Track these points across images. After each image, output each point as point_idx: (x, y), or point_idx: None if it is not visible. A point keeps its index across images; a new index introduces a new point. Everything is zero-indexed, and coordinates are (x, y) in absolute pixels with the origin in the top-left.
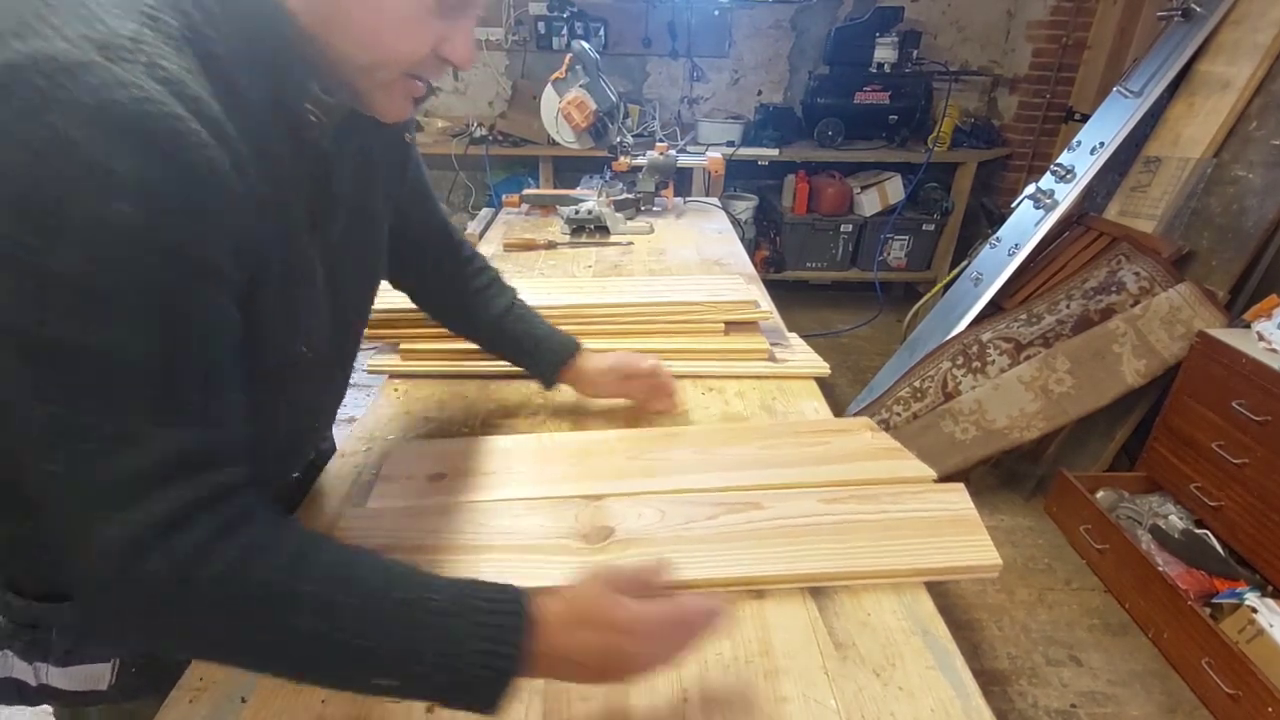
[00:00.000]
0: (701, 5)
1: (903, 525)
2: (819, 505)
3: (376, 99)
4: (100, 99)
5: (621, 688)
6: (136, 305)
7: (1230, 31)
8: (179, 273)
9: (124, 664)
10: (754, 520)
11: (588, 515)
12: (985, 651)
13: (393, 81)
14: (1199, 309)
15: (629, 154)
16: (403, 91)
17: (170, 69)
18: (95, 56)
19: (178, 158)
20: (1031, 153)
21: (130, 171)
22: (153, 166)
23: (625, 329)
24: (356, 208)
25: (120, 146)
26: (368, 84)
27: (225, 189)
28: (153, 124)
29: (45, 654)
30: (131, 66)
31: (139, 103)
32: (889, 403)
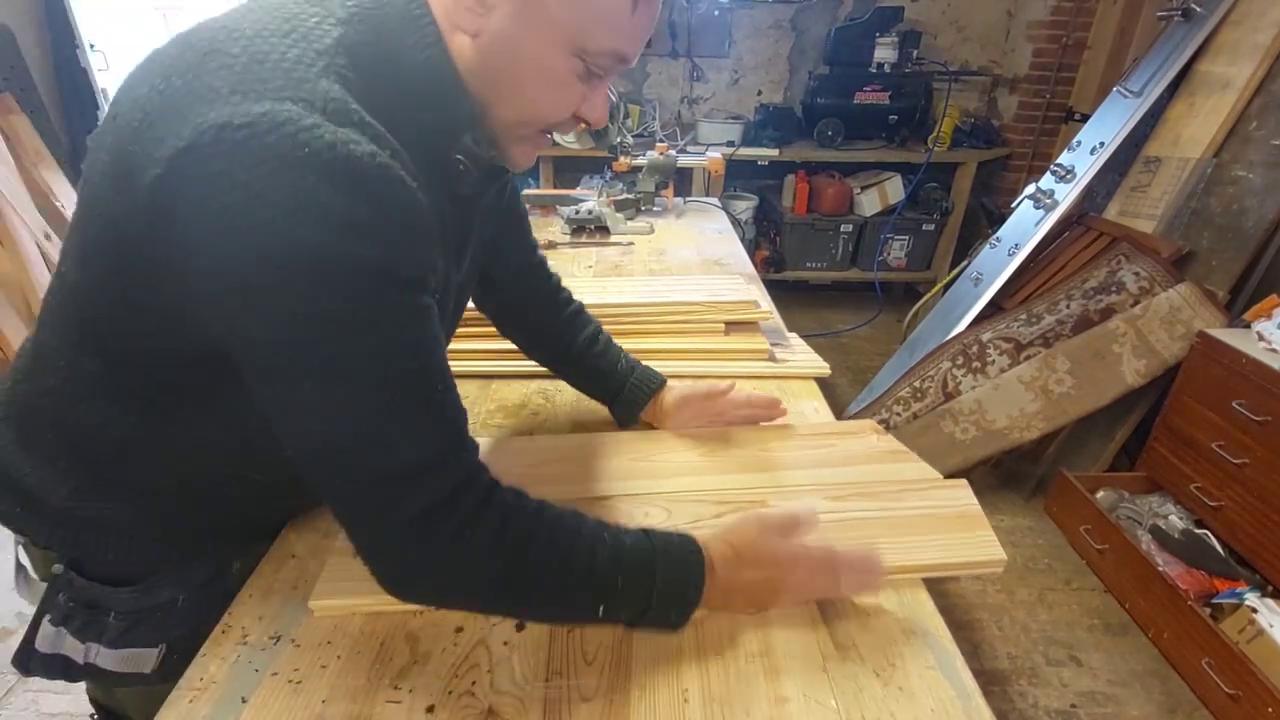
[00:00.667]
0: (701, 5)
1: (907, 522)
2: (824, 504)
3: (513, 151)
4: (337, 155)
5: (622, 688)
6: (389, 328)
7: (1230, 31)
8: (407, 292)
9: (170, 648)
10: None
11: (594, 515)
12: (985, 651)
13: (531, 136)
14: (1199, 309)
15: (629, 154)
16: (535, 144)
17: (376, 125)
18: (320, 119)
19: (398, 203)
20: (1031, 153)
21: (367, 221)
22: (381, 215)
23: (625, 329)
24: (478, 249)
25: (356, 200)
26: (509, 138)
27: (426, 222)
28: (382, 174)
29: (100, 635)
30: (350, 129)
31: (370, 157)
32: (889, 403)
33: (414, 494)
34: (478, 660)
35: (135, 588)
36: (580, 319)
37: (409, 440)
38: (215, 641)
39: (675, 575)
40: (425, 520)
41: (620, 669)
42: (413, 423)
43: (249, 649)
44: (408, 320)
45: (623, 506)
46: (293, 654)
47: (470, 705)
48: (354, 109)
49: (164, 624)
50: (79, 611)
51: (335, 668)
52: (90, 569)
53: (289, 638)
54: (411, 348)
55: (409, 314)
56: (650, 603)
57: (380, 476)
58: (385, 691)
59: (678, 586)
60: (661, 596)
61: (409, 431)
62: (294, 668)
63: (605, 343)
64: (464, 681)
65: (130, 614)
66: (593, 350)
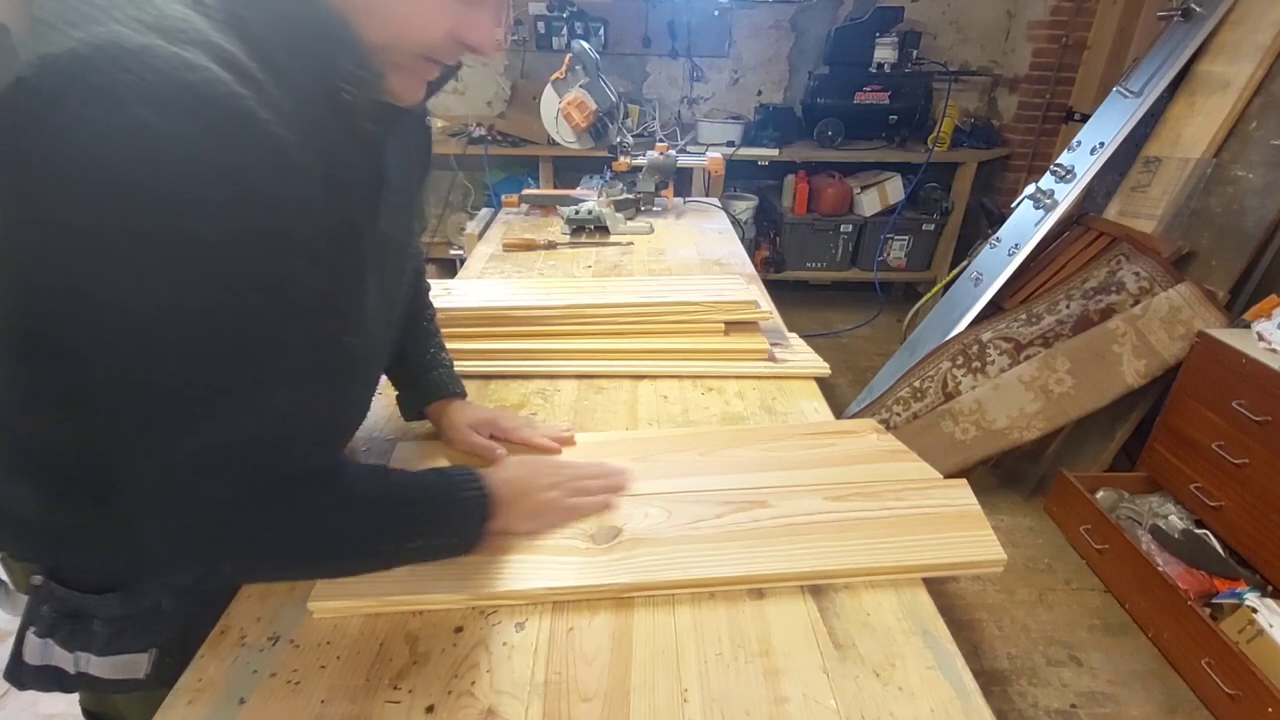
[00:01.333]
0: (701, 5)
1: (907, 521)
2: (824, 503)
3: (391, 81)
4: (171, 83)
5: (622, 688)
6: (234, 285)
7: (1230, 31)
8: (270, 250)
9: (161, 652)
10: (759, 519)
11: (595, 516)
12: (985, 651)
13: (408, 63)
14: (1199, 309)
15: (629, 154)
16: (417, 74)
17: (229, 49)
18: (156, 39)
19: (254, 140)
20: (1031, 153)
21: (212, 156)
22: (233, 151)
23: (625, 329)
24: (398, 196)
25: (198, 130)
26: (383, 64)
27: (297, 167)
28: (224, 106)
29: (87, 643)
30: (193, 48)
31: (210, 85)
32: (889, 403)
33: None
34: (477, 660)
35: (118, 594)
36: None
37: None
38: (213, 643)
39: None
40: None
41: (620, 669)
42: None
43: (247, 650)
44: (260, 278)
45: (623, 507)
46: (291, 655)
47: (470, 705)
48: (199, 29)
49: (151, 628)
50: (63, 621)
51: (334, 668)
52: (70, 578)
53: (287, 638)
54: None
55: (261, 271)
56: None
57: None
58: (385, 692)
59: (464, 505)
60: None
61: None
62: (292, 668)
63: (436, 346)
64: (464, 681)
65: (115, 620)
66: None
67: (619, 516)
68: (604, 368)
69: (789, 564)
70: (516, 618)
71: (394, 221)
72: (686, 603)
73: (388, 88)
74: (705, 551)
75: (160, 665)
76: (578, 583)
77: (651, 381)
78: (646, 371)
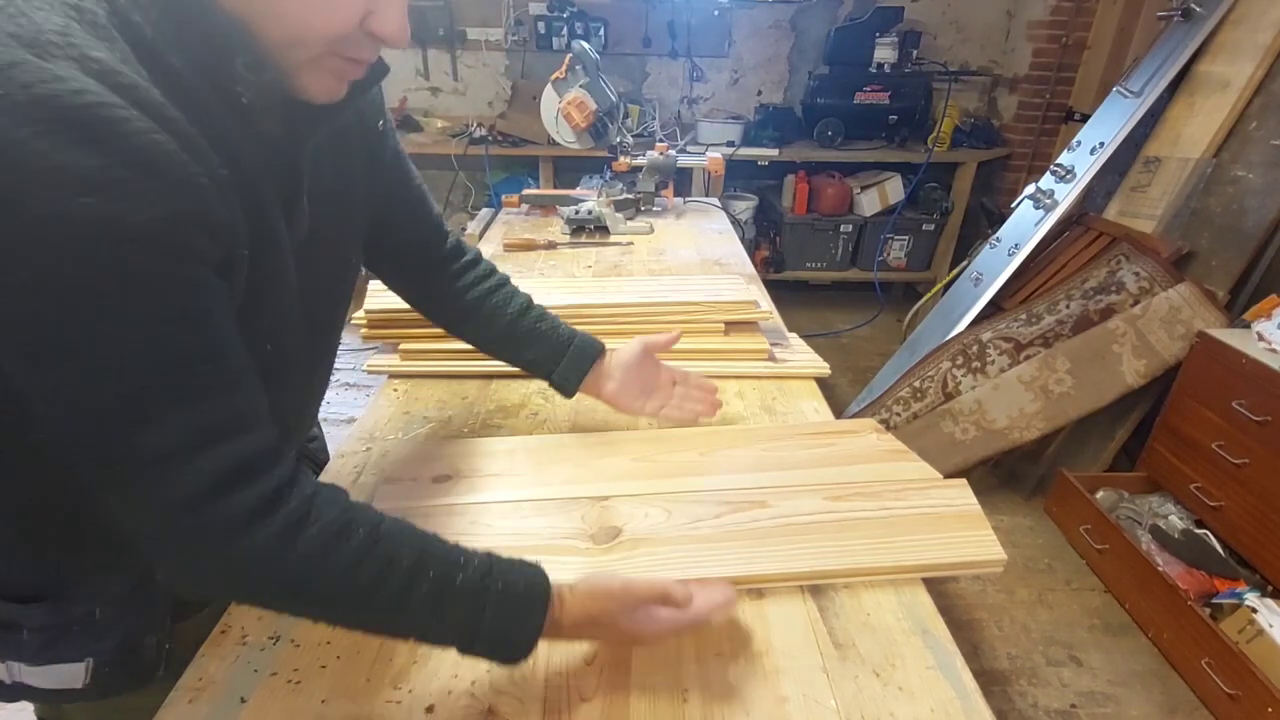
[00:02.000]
0: (701, 5)
1: (906, 521)
2: (823, 503)
3: (303, 79)
4: (34, 95)
5: (622, 688)
6: (119, 295)
7: (1230, 31)
8: (152, 256)
9: (99, 662)
10: (758, 519)
11: (595, 516)
12: (985, 652)
13: (317, 59)
14: (1199, 309)
15: (629, 154)
16: (330, 71)
17: (102, 59)
18: (25, 55)
19: (122, 146)
20: (1031, 153)
21: (79, 165)
22: (99, 157)
23: (625, 329)
24: (331, 202)
25: (63, 141)
26: (290, 63)
27: (177, 170)
28: (90, 115)
29: (17, 653)
30: (62, 62)
31: (75, 95)
32: (889, 403)
33: (183, 478)
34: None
35: (45, 603)
36: (505, 290)
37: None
38: (214, 642)
39: (505, 625)
40: (197, 507)
41: (620, 669)
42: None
43: (248, 649)
44: (146, 289)
45: (623, 508)
46: (292, 654)
47: (470, 705)
48: (74, 41)
49: (84, 638)
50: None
51: (335, 668)
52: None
53: (288, 638)
54: (153, 321)
55: (142, 278)
56: (473, 644)
57: (141, 459)
58: (385, 691)
59: (507, 635)
60: (487, 641)
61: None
62: (293, 668)
63: (540, 312)
64: (464, 681)
65: (44, 630)
66: (525, 320)
67: (619, 517)
68: None
69: (788, 564)
70: None
71: (323, 227)
72: None
73: (301, 87)
74: (704, 551)
75: (100, 675)
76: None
77: None
78: None
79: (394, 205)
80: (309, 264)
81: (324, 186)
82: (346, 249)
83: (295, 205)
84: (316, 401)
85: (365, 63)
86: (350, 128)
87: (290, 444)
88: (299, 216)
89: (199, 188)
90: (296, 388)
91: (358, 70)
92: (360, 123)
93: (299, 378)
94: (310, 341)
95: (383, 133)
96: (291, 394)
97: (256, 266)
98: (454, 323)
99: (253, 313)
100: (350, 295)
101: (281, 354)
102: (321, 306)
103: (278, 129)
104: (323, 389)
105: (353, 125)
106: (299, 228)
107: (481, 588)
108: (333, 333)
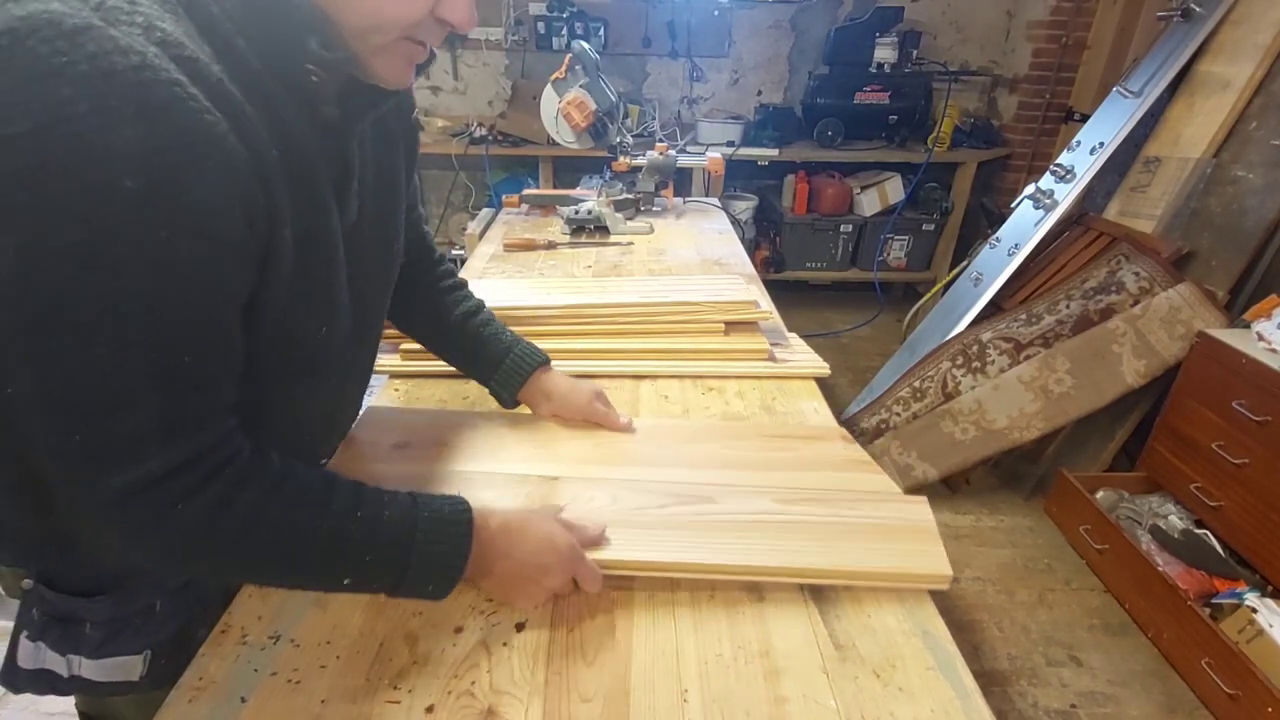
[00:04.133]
0: (701, 5)
1: (854, 530)
2: (772, 505)
3: (375, 64)
4: (100, 67)
5: (622, 688)
6: (139, 274)
7: (1230, 31)
8: (180, 241)
9: (155, 654)
10: (703, 513)
11: (541, 494)
12: (985, 652)
13: (391, 45)
14: (1199, 309)
15: (629, 154)
16: (402, 55)
17: (167, 29)
18: (94, 19)
19: (175, 126)
20: (1031, 153)
21: (129, 144)
22: (151, 137)
23: (625, 329)
24: (377, 187)
25: (119, 117)
26: (365, 48)
27: (225, 154)
28: (150, 92)
29: (78, 646)
30: (129, 29)
31: (138, 70)
32: (889, 403)
33: (137, 462)
34: (477, 660)
35: (108, 596)
36: (459, 294)
37: (137, 407)
38: (214, 641)
39: (436, 549)
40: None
41: (620, 669)
42: (144, 385)
43: (248, 649)
44: (168, 268)
45: (569, 489)
46: (292, 654)
47: (470, 705)
48: (143, 10)
49: (144, 630)
50: (54, 625)
51: (334, 668)
52: (60, 582)
53: (288, 638)
54: (164, 301)
55: (171, 261)
56: (404, 576)
57: (104, 438)
58: (385, 692)
59: (437, 561)
60: (418, 570)
61: (137, 397)
62: (293, 668)
63: (487, 318)
64: (463, 681)
65: (107, 623)
66: (469, 324)
67: (563, 497)
68: (604, 368)
69: (722, 557)
70: (516, 617)
71: (370, 212)
72: (686, 604)
73: (375, 71)
74: (639, 536)
75: (155, 667)
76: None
77: (652, 381)
78: (647, 371)
79: None
80: (357, 248)
81: (371, 171)
82: (391, 234)
83: (346, 188)
84: (360, 392)
85: (429, 47)
86: (391, 115)
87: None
88: (349, 200)
89: (245, 171)
90: (342, 373)
91: (424, 53)
92: (399, 111)
93: (345, 363)
94: (358, 329)
95: (416, 124)
96: (338, 379)
97: (309, 248)
98: (404, 317)
99: (304, 295)
100: (394, 281)
101: (332, 338)
102: (368, 290)
103: (335, 112)
104: (367, 379)
105: (393, 112)
106: (350, 211)
107: (409, 519)
108: (377, 318)
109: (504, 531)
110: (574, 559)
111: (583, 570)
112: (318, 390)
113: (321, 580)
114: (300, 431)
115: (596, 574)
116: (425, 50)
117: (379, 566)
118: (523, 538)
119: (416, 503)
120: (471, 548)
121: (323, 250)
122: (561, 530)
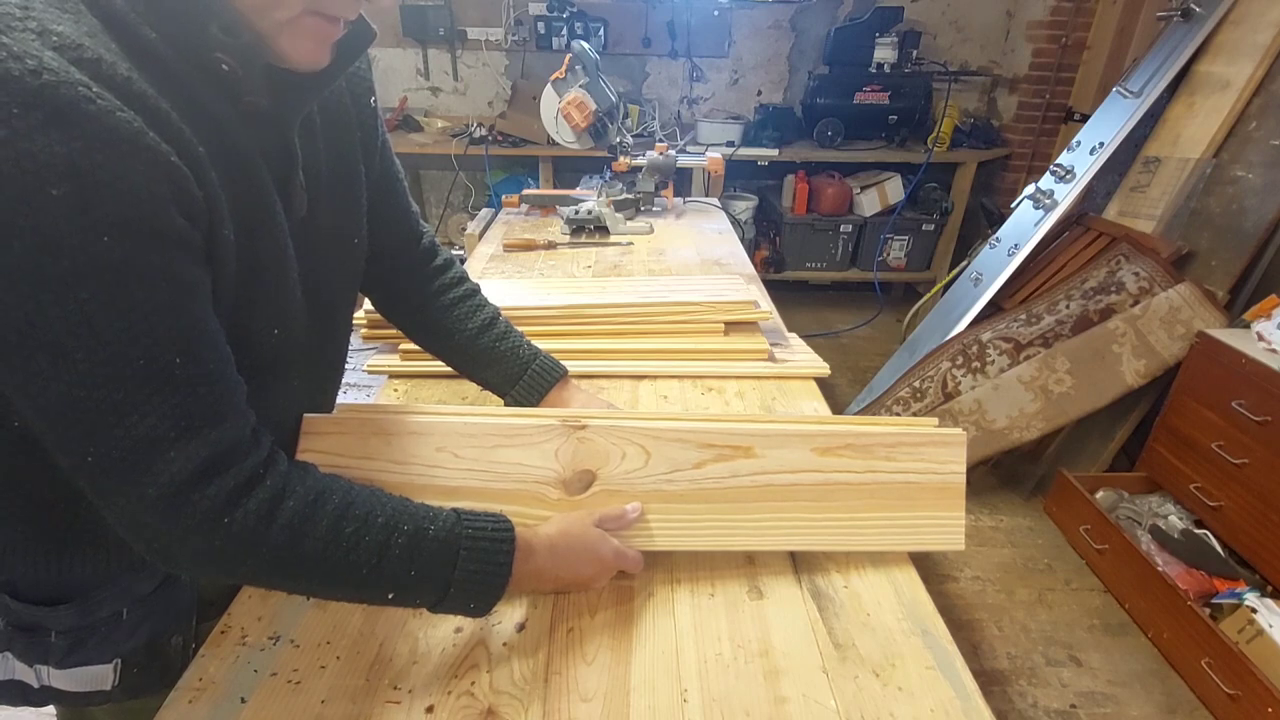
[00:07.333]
0: (701, 5)
1: (885, 491)
2: (810, 456)
3: (283, 44)
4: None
5: (622, 688)
6: (95, 283)
7: (1230, 31)
8: (127, 245)
9: (126, 663)
10: (739, 474)
11: (569, 451)
12: (985, 652)
13: (296, 20)
14: (1199, 309)
15: (629, 154)
16: (310, 33)
17: (64, 32)
18: None
19: (88, 127)
20: (1031, 153)
21: (47, 151)
22: (68, 140)
23: (625, 329)
24: (330, 180)
25: (29, 125)
26: (268, 25)
27: (147, 150)
28: (52, 95)
29: (45, 656)
30: (23, 35)
31: (35, 74)
32: (889, 403)
33: (160, 467)
34: (477, 660)
35: (71, 605)
36: (471, 302)
37: (140, 412)
38: (214, 642)
39: (477, 569)
40: (176, 494)
41: (620, 669)
42: (143, 393)
43: (248, 650)
44: (120, 272)
45: (600, 441)
46: (291, 654)
47: (470, 705)
48: (35, 15)
49: (111, 638)
50: (20, 634)
51: (334, 668)
52: (24, 591)
53: (288, 638)
54: (130, 305)
55: (122, 264)
56: (446, 595)
57: (119, 449)
58: (384, 692)
59: (479, 580)
60: (460, 590)
61: (138, 403)
62: (293, 668)
63: (504, 329)
64: (463, 681)
65: (72, 632)
66: (485, 338)
67: (594, 456)
68: (604, 368)
69: (762, 539)
70: (516, 617)
71: (324, 206)
72: (686, 603)
73: (283, 53)
74: (677, 517)
75: (127, 676)
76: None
77: (652, 381)
78: (647, 372)
79: (379, 194)
80: (309, 244)
81: (322, 164)
82: (349, 229)
83: (291, 183)
84: (330, 392)
85: (342, 20)
86: (344, 104)
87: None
88: (296, 194)
89: (170, 166)
90: (305, 374)
91: (337, 30)
92: (353, 99)
93: (306, 364)
94: (315, 325)
95: (374, 110)
96: (301, 381)
97: (253, 246)
98: (414, 329)
99: (252, 296)
100: (358, 277)
101: (287, 339)
102: (325, 288)
103: (264, 102)
104: (336, 379)
105: (346, 101)
106: (297, 206)
107: (453, 535)
108: (339, 316)
109: (549, 554)
110: (616, 563)
111: (625, 565)
112: (280, 392)
113: (365, 594)
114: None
115: (638, 559)
116: (338, 26)
117: (423, 584)
118: (568, 556)
119: (460, 520)
120: (513, 570)
121: (269, 249)
122: (602, 539)
